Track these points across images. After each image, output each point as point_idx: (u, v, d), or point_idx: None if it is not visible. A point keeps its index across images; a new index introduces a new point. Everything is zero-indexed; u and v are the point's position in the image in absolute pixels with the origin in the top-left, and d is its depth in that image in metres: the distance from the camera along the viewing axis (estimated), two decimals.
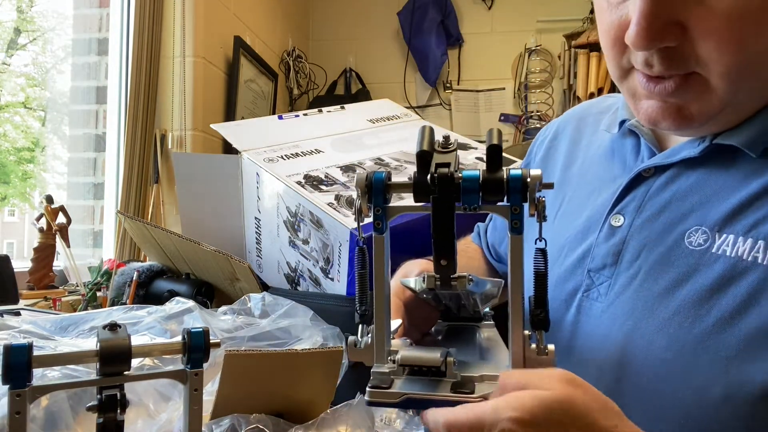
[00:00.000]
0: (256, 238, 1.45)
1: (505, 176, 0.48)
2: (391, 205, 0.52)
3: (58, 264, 1.76)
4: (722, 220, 0.57)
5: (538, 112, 3.33)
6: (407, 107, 2.39)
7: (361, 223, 0.53)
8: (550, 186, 0.49)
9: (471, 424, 0.43)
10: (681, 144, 0.64)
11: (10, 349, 0.49)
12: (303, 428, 0.78)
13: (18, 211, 2.75)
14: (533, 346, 0.50)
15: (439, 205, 0.48)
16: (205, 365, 0.55)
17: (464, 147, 1.46)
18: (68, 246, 1.66)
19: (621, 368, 0.59)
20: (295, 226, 1.25)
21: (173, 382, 0.65)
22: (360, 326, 0.54)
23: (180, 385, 0.55)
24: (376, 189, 0.51)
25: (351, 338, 0.54)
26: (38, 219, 1.63)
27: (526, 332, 0.50)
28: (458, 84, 3.49)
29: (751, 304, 0.53)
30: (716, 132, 0.61)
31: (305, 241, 1.23)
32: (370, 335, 0.53)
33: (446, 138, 0.50)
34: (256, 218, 1.43)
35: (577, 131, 0.82)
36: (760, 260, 0.54)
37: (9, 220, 2.77)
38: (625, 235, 0.65)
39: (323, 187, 1.20)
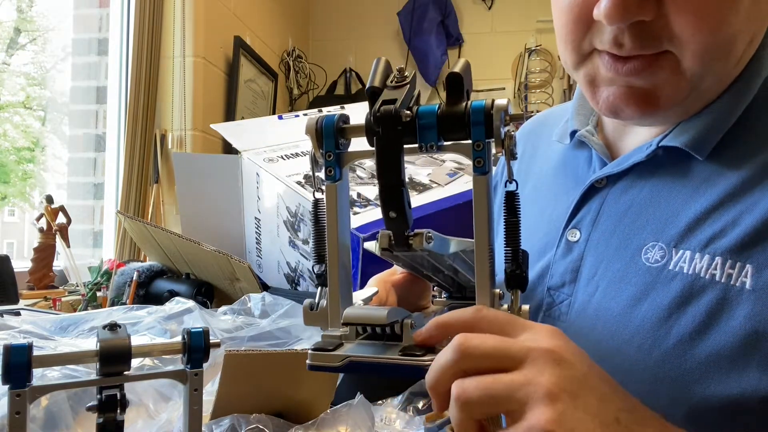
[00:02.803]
0: (256, 238, 1.45)
1: (466, 109, 0.43)
2: (343, 151, 0.47)
3: (58, 264, 1.76)
4: (678, 236, 0.55)
5: (538, 112, 3.33)
6: None
7: (316, 173, 0.49)
8: (519, 118, 0.45)
9: (491, 352, 0.40)
10: (631, 151, 0.62)
11: (10, 349, 0.49)
12: (303, 428, 0.78)
13: (18, 211, 2.75)
14: (504, 306, 0.45)
15: (382, 146, 0.43)
16: (205, 365, 0.55)
17: None
18: (68, 246, 1.66)
19: None
20: (295, 226, 1.25)
21: (173, 382, 0.65)
22: (318, 289, 0.50)
23: (180, 385, 0.55)
24: (326, 132, 0.47)
25: (307, 301, 0.49)
26: (38, 219, 1.63)
27: (497, 291, 0.45)
28: None
29: (710, 325, 0.51)
30: (678, 121, 0.58)
31: (305, 241, 1.23)
32: (326, 297, 0.48)
33: (400, 71, 0.45)
34: (256, 218, 1.43)
35: (532, 146, 0.78)
36: (717, 278, 0.51)
37: (9, 220, 2.77)
38: (583, 250, 0.62)
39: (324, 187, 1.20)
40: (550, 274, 0.64)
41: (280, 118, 1.62)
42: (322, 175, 0.49)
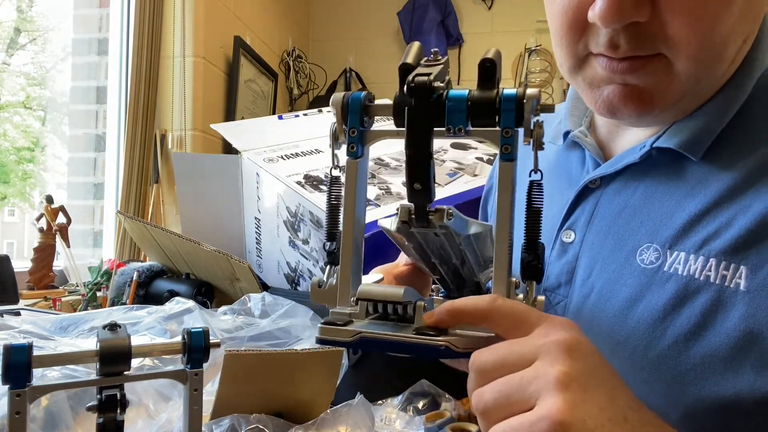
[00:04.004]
0: (256, 238, 1.45)
1: (497, 96, 0.43)
2: (367, 129, 0.48)
3: (58, 264, 1.76)
4: (673, 237, 0.55)
5: None
6: None
7: (336, 150, 0.49)
8: (550, 109, 0.44)
9: (502, 355, 0.41)
10: (624, 152, 0.62)
11: (10, 349, 0.49)
12: (303, 428, 0.78)
13: (18, 211, 2.75)
14: (519, 296, 0.45)
15: (414, 116, 0.43)
16: (205, 365, 0.55)
17: (464, 147, 1.46)
18: (68, 246, 1.66)
19: None
20: (295, 226, 1.25)
21: (173, 382, 0.65)
22: (328, 267, 0.50)
23: (180, 385, 0.55)
24: (352, 108, 0.47)
25: (315, 278, 0.49)
26: (38, 219, 1.63)
27: (513, 279, 0.45)
28: (458, 84, 3.49)
29: (705, 326, 0.51)
30: (672, 121, 0.59)
31: (305, 241, 1.23)
32: (335, 276, 0.49)
33: (434, 53, 0.46)
34: (256, 218, 1.43)
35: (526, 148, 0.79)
36: (712, 279, 0.51)
37: (9, 220, 2.77)
38: (578, 251, 0.62)
39: (323, 187, 1.20)
40: (546, 275, 0.64)
41: (280, 118, 1.62)
42: (340, 152, 0.49)
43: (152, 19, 2.09)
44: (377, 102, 0.49)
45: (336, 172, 0.50)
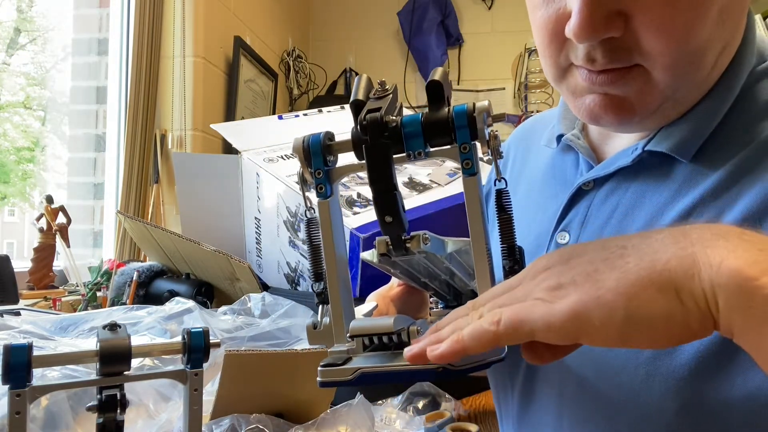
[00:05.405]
0: (256, 238, 1.45)
1: (449, 114, 0.44)
2: (332, 167, 0.49)
3: (58, 264, 1.76)
4: None
5: (538, 112, 3.33)
6: (407, 107, 2.39)
7: (306, 192, 0.50)
8: (500, 117, 0.46)
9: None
10: (616, 154, 0.63)
11: (10, 349, 0.49)
12: (303, 428, 0.78)
13: (18, 211, 2.75)
14: None
15: (372, 152, 0.44)
16: (205, 365, 0.55)
17: None
18: (68, 246, 1.66)
19: (579, 392, 0.58)
20: (295, 226, 1.25)
21: (173, 382, 0.65)
22: (319, 307, 0.51)
23: (180, 385, 0.55)
24: (314, 150, 0.48)
25: (309, 321, 0.50)
26: (38, 219, 1.63)
27: None
28: (458, 84, 3.49)
29: None
30: (658, 127, 0.60)
31: (305, 241, 1.23)
32: (329, 315, 0.49)
33: (382, 84, 0.47)
34: (256, 218, 1.43)
35: (523, 152, 0.80)
36: None
37: (9, 220, 2.77)
38: None
39: None
40: None
41: (280, 118, 1.62)
42: (311, 195, 0.50)
43: (152, 19, 2.09)
44: (338, 139, 0.49)
45: (311, 214, 0.51)
